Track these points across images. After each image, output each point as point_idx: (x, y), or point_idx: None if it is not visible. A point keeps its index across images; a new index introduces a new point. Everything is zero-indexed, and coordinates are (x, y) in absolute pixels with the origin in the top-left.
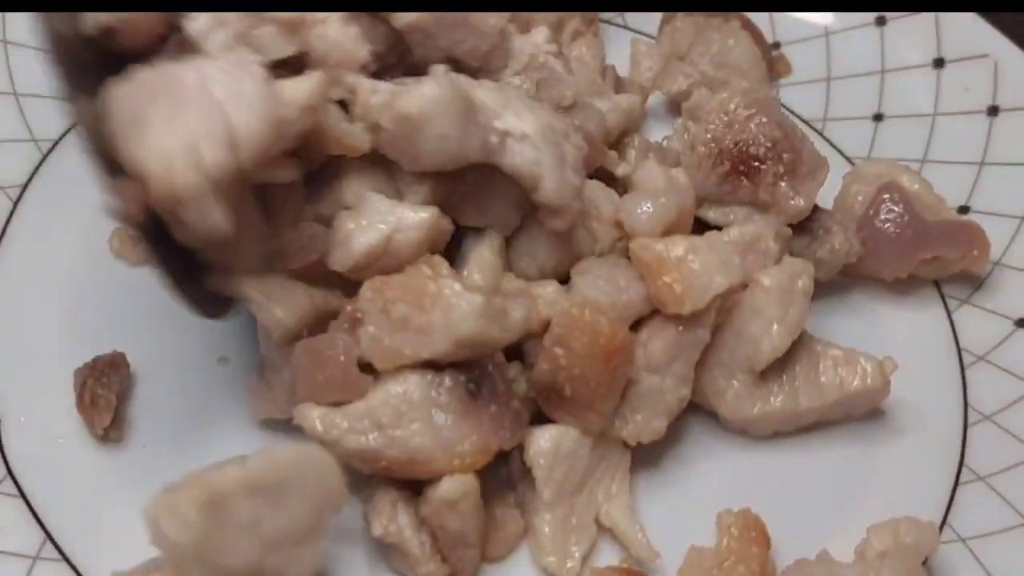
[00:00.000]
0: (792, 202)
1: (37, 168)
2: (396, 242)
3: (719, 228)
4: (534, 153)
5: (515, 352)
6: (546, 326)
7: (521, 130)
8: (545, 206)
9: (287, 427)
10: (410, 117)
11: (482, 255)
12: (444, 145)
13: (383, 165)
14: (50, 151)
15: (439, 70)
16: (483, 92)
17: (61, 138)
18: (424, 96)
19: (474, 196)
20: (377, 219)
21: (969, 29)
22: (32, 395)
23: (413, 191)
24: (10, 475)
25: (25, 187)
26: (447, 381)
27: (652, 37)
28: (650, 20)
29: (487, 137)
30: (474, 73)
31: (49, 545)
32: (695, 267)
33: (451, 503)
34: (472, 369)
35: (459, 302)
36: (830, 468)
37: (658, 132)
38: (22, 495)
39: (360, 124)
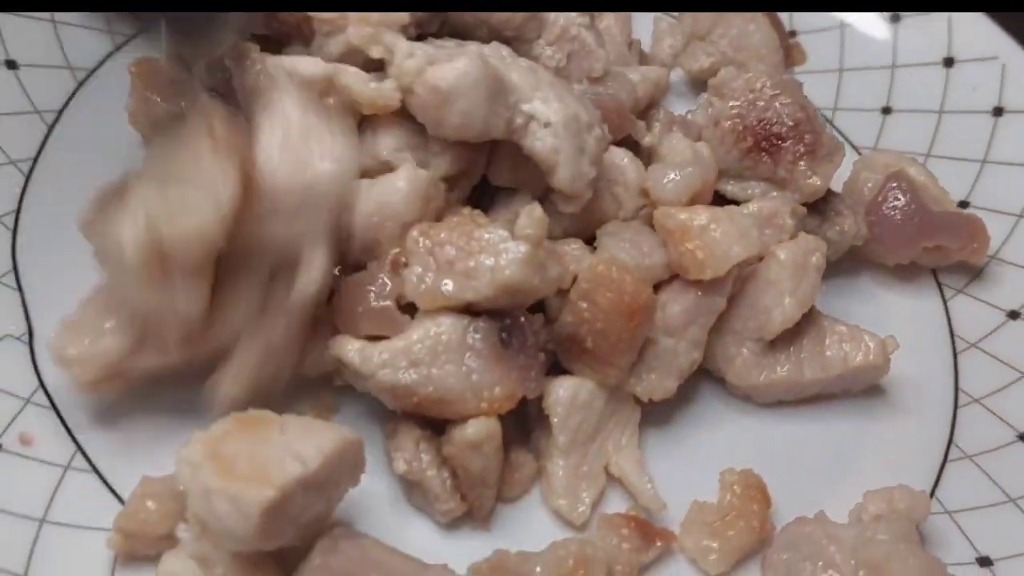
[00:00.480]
0: (809, 181)
1: (72, 95)
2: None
3: (736, 202)
4: (554, 141)
5: (537, 304)
6: (572, 281)
7: (546, 116)
8: (559, 191)
9: None
10: (439, 89)
11: (534, 209)
12: (468, 120)
13: (415, 121)
14: (86, 79)
15: (472, 48)
16: (516, 73)
17: (98, 67)
18: (456, 71)
19: (508, 157)
20: None
21: (980, 31)
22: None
23: (439, 160)
24: (42, 387)
25: (60, 113)
26: (482, 327)
27: (674, 16)
28: None
29: (513, 117)
30: (508, 41)
31: (79, 456)
32: (716, 236)
33: (475, 444)
34: (505, 318)
35: (507, 248)
36: (828, 437)
37: (677, 108)
38: (54, 407)
39: (392, 82)
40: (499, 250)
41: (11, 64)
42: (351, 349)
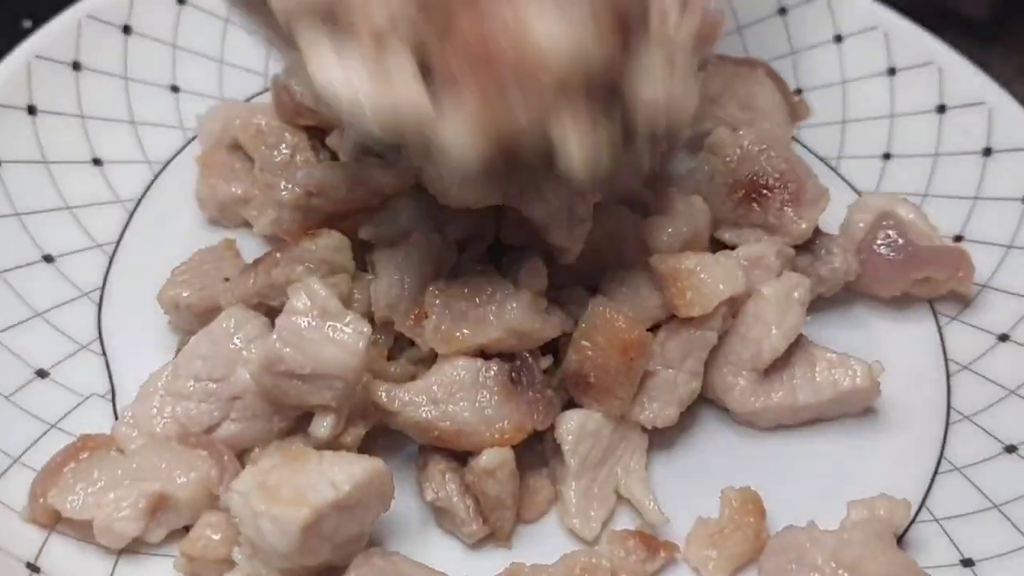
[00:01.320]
0: (795, 225)
1: (149, 185)
2: None
3: (733, 247)
4: (545, 204)
5: (551, 348)
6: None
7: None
8: (554, 246)
9: None
10: None
11: (535, 263)
12: (467, 190)
13: (428, 193)
14: (161, 170)
15: None
16: None
17: (171, 159)
18: None
19: (515, 220)
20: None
21: (968, 79)
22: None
23: (451, 224)
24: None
25: (139, 201)
26: (493, 368)
27: None
28: None
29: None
30: None
31: None
32: (703, 277)
33: (490, 471)
34: (514, 360)
35: (512, 296)
36: (824, 456)
37: (688, 165)
38: None
39: (406, 162)
40: (505, 298)
41: (97, 161)
42: (380, 391)
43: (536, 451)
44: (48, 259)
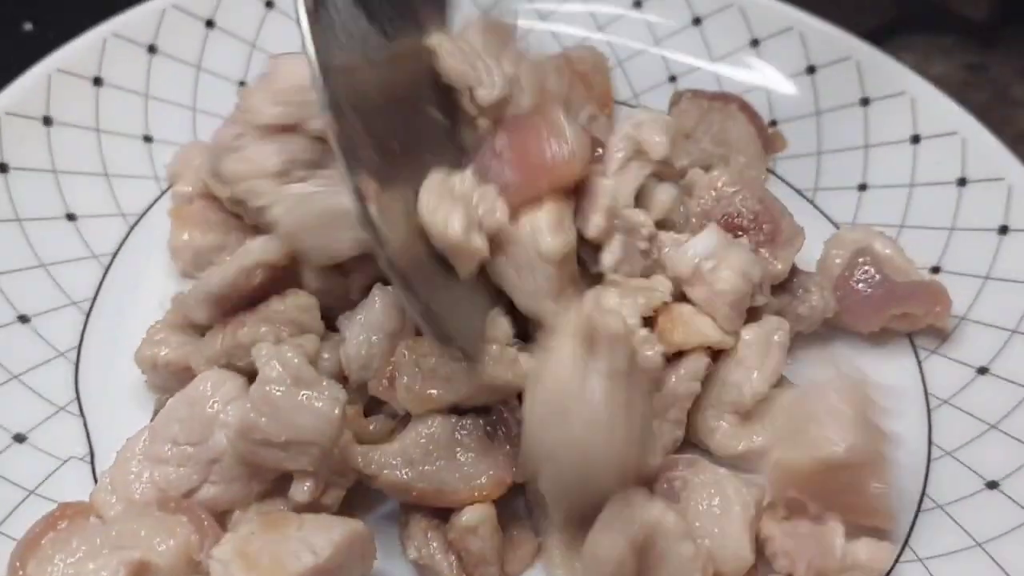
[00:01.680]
0: (771, 266)
1: (125, 239)
2: None
3: None
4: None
5: None
6: None
7: None
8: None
9: None
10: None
11: (497, 316)
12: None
13: None
14: (136, 223)
15: None
16: None
17: (146, 211)
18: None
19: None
20: None
21: (941, 110)
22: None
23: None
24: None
25: (114, 256)
26: (468, 424)
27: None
28: (662, 102)
29: None
30: None
31: None
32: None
33: (472, 528)
34: (489, 414)
35: None
36: None
37: None
38: None
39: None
40: None
41: (71, 216)
42: (357, 454)
43: (519, 502)
44: (23, 319)
